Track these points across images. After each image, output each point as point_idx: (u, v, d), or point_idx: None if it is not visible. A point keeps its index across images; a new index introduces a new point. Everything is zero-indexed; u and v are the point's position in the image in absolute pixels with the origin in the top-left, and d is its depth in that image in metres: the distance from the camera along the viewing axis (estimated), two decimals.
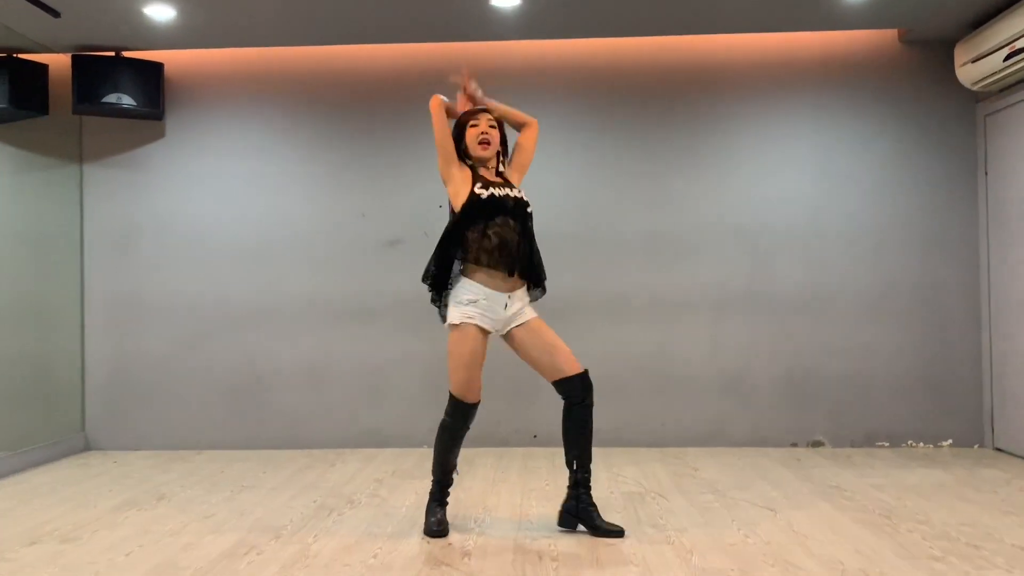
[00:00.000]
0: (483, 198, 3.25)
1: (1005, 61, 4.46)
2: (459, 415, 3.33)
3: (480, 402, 3.35)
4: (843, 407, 5.16)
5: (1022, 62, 4.38)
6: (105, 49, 5.16)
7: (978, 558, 3.00)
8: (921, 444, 5.14)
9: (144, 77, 5.17)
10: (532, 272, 3.34)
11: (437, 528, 3.32)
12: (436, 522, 3.34)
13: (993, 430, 5.04)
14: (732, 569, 2.90)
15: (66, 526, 3.57)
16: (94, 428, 5.37)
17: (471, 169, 3.38)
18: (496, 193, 3.27)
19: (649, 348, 5.22)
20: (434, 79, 5.29)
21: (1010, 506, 3.72)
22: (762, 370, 5.19)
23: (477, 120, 3.39)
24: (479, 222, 3.24)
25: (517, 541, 3.27)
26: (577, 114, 5.28)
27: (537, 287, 3.41)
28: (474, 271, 3.26)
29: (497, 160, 3.44)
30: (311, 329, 5.32)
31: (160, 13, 4.59)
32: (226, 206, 5.36)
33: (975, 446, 5.11)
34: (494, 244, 3.22)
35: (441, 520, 3.35)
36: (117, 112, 5.18)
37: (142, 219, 5.39)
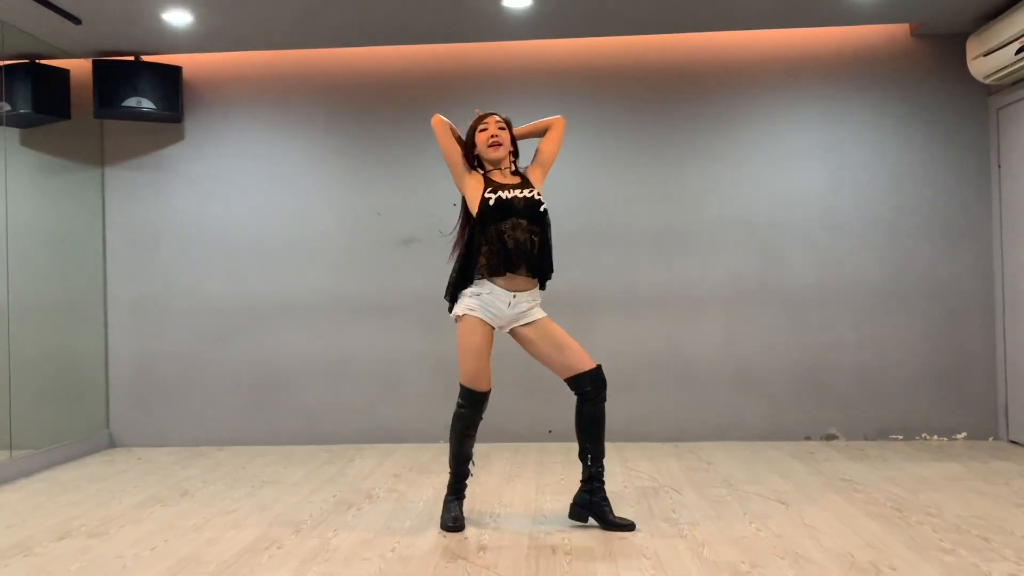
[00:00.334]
0: (491, 204, 3.34)
1: (1017, 55, 4.46)
2: (470, 403, 3.40)
3: (491, 391, 3.42)
4: (856, 400, 5.18)
5: None
6: (125, 54, 5.25)
7: (987, 550, 3.03)
8: (935, 437, 5.15)
9: (163, 81, 5.26)
10: (539, 271, 3.40)
11: (453, 524, 3.39)
12: (452, 518, 3.41)
13: (1008, 422, 5.04)
14: (743, 562, 2.95)
15: (93, 521, 3.67)
16: (118, 425, 5.49)
17: (484, 175, 3.47)
18: (504, 196, 3.35)
19: (662, 343, 5.27)
20: (448, 79, 5.37)
21: (1022, 498, 3.74)
22: (775, 364, 5.22)
23: (486, 124, 3.47)
24: (490, 225, 3.33)
25: (532, 535, 3.33)
26: (589, 111, 5.31)
27: (541, 286, 3.48)
28: (481, 268, 3.34)
29: (511, 160, 3.51)
30: (329, 326, 5.40)
31: (178, 18, 4.68)
32: (245, 206, 5.45)
33: (990, 439, 5.11)
34: (500, 246, 3.31)
35: (457, 516, 3.43)
36: (137, 115, 5.27)
37: (163, 220, 5.49)
